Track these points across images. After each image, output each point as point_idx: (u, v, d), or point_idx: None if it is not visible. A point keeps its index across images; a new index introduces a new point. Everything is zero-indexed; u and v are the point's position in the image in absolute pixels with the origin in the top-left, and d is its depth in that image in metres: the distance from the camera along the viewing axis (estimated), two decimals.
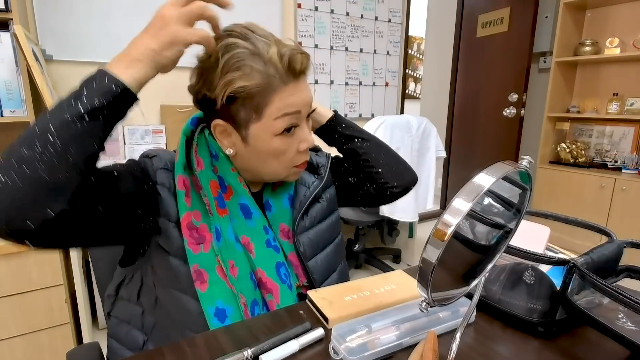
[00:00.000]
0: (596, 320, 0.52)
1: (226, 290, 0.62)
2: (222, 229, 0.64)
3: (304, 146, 0.65)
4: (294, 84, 0.60)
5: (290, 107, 0.60)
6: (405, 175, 0.82)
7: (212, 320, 0.61)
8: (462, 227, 0.38)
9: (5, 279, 1.24)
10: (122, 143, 1.87)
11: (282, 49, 0.58)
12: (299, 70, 0.60)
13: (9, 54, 1.37)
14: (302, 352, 0.52)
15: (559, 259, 0.55)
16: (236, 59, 0.57)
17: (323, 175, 0.77)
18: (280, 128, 0.61)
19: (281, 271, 0.68)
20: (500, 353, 0.54)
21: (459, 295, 0.45)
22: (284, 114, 0.60)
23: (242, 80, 0.57)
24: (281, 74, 0.58)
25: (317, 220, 0.75)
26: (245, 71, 0.57)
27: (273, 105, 0.59)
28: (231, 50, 0.58)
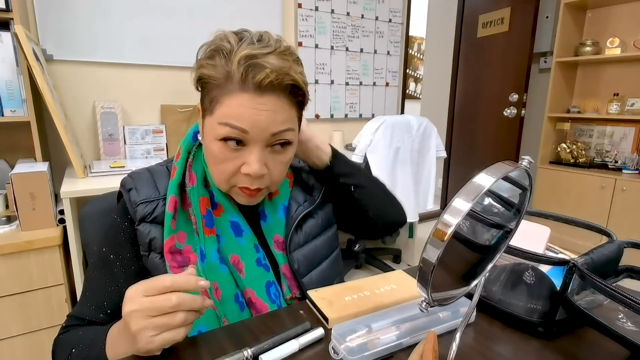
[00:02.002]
0: (596, 320, 0.52)
1: (209, 313, 0.60)
2: (207, 251, 0.63)
3: (245, 170, 0.58)
4: (251, 97, 0.55)
5: (235, 119, 0.55)
6: (394, 218, 0.80)
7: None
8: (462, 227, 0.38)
9: (6, 278, 1.24)
10: (123, 143, 1.87)
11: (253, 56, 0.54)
12: (256, 83, 0.54)
13: (9, 54, 1.37)
14: (302, 352, 0.52)
15: (559, 259, 0.55)
16: (214, 49, 0.57)
17: (315, 199, 0.75)
18: (220, 135, 0.56)
19: (271, 291, 0.66)
20: (500, 353, 0.54)
21: (459, 295, 0.45)
22: (226, 123, 0.56)
23: (207, 69, 0.57)
24: (238, 79, 0.54)
25: (312, 236, 0.73)
26: (214, 62, 0.56)
27: (222, 106, 0.56)
28: (213, 42, 0.58)
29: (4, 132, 1.61)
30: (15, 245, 1.23)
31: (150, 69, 1.95)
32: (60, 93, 1.76)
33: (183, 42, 1.99)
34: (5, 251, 1.22)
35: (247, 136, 0.56)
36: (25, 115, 1.41)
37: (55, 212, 1.36)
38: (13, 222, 1.36)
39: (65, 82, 1.77)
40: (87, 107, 1.83)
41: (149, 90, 1.97)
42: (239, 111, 0.55)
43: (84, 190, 1.32)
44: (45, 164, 1.41)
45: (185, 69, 2.03)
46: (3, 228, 1.32)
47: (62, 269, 1.33)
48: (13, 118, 1.40)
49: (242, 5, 2.13)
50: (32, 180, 1.29)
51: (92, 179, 1.46)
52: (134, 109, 1.95)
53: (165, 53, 1.96)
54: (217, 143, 0.58)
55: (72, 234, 1.33)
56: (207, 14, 2.03)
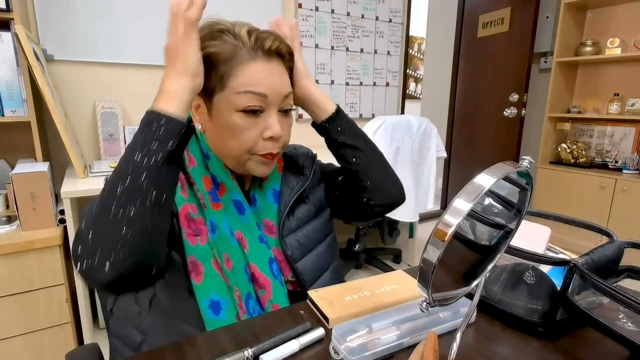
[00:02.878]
0: (596, 320, 0.52)
1: (221, 282, 0.63)
2: (217, 222, 0.64)
3: (268, 133, 0.62)
4: (263, 62, 0.61)
5: (255, 85, 0.60)
6: (391, 193, 0.77)
7: (206, 312, 0.61)
8: (463, 227, 0.38)
9: (6, 278, 1.24)
10: (123, 143, 1.87)
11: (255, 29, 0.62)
12: (267, 48, 0.61)
13: (10, 54, 1.37)
14: (302, 352, 0.52)
15: (560, 259, 0.55)
16: (214, 32, 0.62)
17: (308, 176, 0.76)
18: (241, 105, 0.60)
19: (273, 267, 0.68)
20: (500, 353, 0.54)
21: (460, 295, 0.45)
22: (247, 91, 0.60)
23: (212, 48, 0.60)
24: (248, 48, 0.60)
25: (304, 221, 0.74)
26: (217, 41, 0.61)
27: (237, 77, 0.60)
28: (209, 27, 0.63)
29: (5, 132, 1.61)
30: (16, 245, 1.23)
31: (151, 69, 1.95)
32: (61, 93, 1.76)
33: None
34: (6, 251, 1.22)
35: (266, 100, 0.61)
36: (26, 115, 1.41)
37: (55, 212, 1.36)
38: (13, 222, 1.36)
39: (66, 82, 1.77)
40: (87, 107, 1.83)
41: (149, 90, 1.97)
42: (257, 77, 0.60)
43: (84, 190, 1.32)
44: (45, 164, 1.41)
45: None
46: (3, 228, 1.32)
47: (63, 269, 1.33)
48: (13, 118, 1.40)
49: (242, 6, 2.13)
50: (33, 180, 1.29)
51: (92, 179, 1.46)
52: (134, 109, 1.95)
53: None
54: (237, 114, 0.61)
55: (73, 234, 1.33)
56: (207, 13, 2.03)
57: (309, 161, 0.79)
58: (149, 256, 0.50)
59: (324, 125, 0.75)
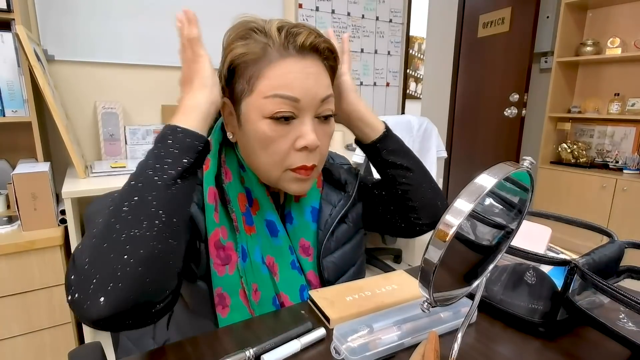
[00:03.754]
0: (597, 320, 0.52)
1: (247, 316, 0.60)
2: (249, 249, 0.60)
3: (301, 143, 0.54)
4: (295, 60, 0.54)
5: (284, 88, 0.53)
6: (440, 211, 0.70)
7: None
8: (464, 227, 0.38)
9: (8, 278, 1.24)
10: (124, 143, 1.87)
11: (286, 24, 0.55)
12: (300, 44, 0.53)
13: (11, 54, 1.37)
14: (303, 352, 0.52)
15: (561, 259, 0.55)
16: (241, 32, 0.57)
17: (351, 194, 0.70)
18: (269, 111, 0.53)
19: (304, 295, 0.64)
20: (501, 353, 0.54)
21: (461, 295, 0.45)
22: (274, 95, 0.53)
23: (241, 48, 0.55)
24: (277, 45, 0.54)
25: (342, 242, 0.70)
26: (246, 41, 0.55)
27: (265, 79, 0.53)
28: (239, 26, 0.58)
29: (5, 132, 1.61)
30: (17, 245, 1.24)
31: (151, 69, 1.95)
32: (62, 93, 1.76)
33: None
34: (7, 251, 1.22)
35: (299, 105, 0.54)
36: (27, 116, 1.41)
37: (56, 212, 1.36)
38: (14, 222, 1.36)
39: (67, 83, 1.77)
40: (88, 107, 1.83)
41: (149, 90, 1.97)
42: (287, 79, 0.53)
43: (85, 190, 1.32)
44: (46, 164, 1.41)
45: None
46: (4, 228, 1.33)
47: (64, 269, 1.33)
48: (14, 118, 1.41)
49: (242, 6, 2.13)
50: (34, 181, 1.29)
51: (93, 179, 1.46)
52: (135, 109, 1.95)
53: (166, 53, 1.96)
54: (264, 122, 0.54)
55: (74, 234, 1.33)
56: (208, 14, 2.03)
57: (352, 177, 0.73)
58: (152, 291, 0.42)
59: (376, 146, 0.69)
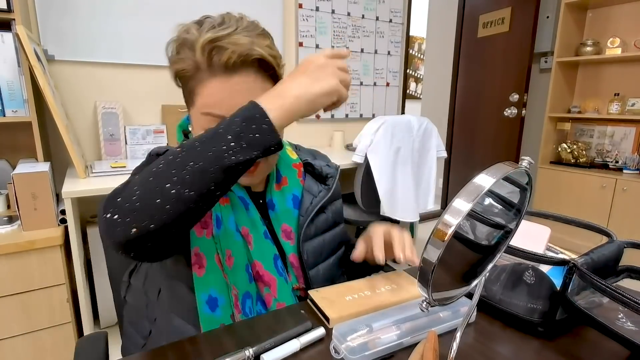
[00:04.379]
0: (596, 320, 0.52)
1: (220, 279, 0.62)
2: (224, 217, 0.64)
3: None
4: (222, 80, 0.56)
5: (212, 107, 0.57)
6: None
7: (203, 307, 0.61)
8: (463, 227, 0.38)
9: (7, 278, 1.25)
10: (124, 143, 1.87)
11: (215, 39, 0.54)
12: (224, 62, 0.55)
13: (11, 54, 1.37)
14: (303, 352, 0.53)
15: (560, 259, 0.56)
16: (179, 43, 0.58)
17: (330, 187, 0.76)
18: (205, 125, 0.57)
19: (278, 264, 0.68)
20: (500, 353, 0.54)
21: (460, 295, 0.45)
22: (206, 113, 0.58)
23: (178, 64, 0.58)
24: (206, 64, 0.56)
25: (321, 230, 0.75)
26: (181, 55, 0.58)
27: (199, 97, 0.58)
28: (180, 34, 0.59)
29: (6, 132, 1.62)
30: (17, 245, 1.24)
31: (151, 69, 1.96)
32: (62, 93, 1.76)
33: None
34: (7, 251, 1.23)
35: None
36: (27, 116, 1.41)
37: (56, 212, 1.36)
38: (14, 222, 1.36)
39: (67, 83, 1.77)
40: (88, 107, 1.83)
41: (150, 90, 1.97)
42: (214, 98, 0.57)
43: (85, 190, 1.33)
44: (46, 164, 1.41)
45: None
46: (5, 228, 1.33)
47: (64, 268, 1.33)
48: (15, 118, 1.41)
49: (242, 6, 2.13)
50: (34, 181, 1.29)
51: (93, 179, 1.46)
52: (135, 109, 1.95)
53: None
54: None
55: (74, 234, 1.33)
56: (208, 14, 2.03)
57: (333, 171, 0.78)
58: (173, 236, 0.48)
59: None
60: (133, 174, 0.58)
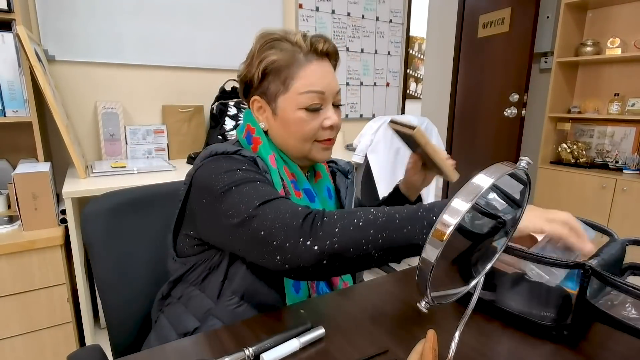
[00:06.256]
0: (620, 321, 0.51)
1: None
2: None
3: (328, 122, 0.72)
4: (317, 63, 0.70)
5: (314, 85, 0.69)
6: None
7: (290, 290, 0.69)
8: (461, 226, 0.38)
9: (8, 278, 1.25)
10: (124, 143, 1.87)
11: (306, 35, 0.71)
12: (321, 50, 0.70)
13: (11, 54, 1.38)
14: (302, 351, 0.53)
15: (574, 262, 0.55)
16: (269, 41, 0.70)
17: (352, 181, 0.90)
18: (304, 103, 0.69)
19: None
20: (499, 352, 0.54)
21: (460, 294, 0.45)
22: (308, 91, 0.69)
23: (273, 56, 0.69)
24: (305, 52, 0.70)
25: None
26: (276, 49, 0.69)
27: (299, 80, 0.69)
28: (265, 37, 0.71)
29: (6, 132, 1.62)
30: (18, 245, 1.24)
31: (152, 69, 1.96)
32: (62, 93, 1.76)
33: (184, 42, 1.99)
34: (8, 251, 1.23)
35: (324, 97, 0.71)
36: (27, 116, 1.42)
37: (57, 212, 1.37)
38: (15, 222, 1.36)
39: (67, 83, 1.77)
40: (88, 107, 1.84)
41: (150, 90, 1.98)
42: (315, 78, 0.70)
43: (85, 190, 1.33)
44: (47, 164, 1.41)
45: (187, 69, 2.04)
46: (5, 228, 1.33)
47: (64, 268, 1.33)
48: (15, 118, 1.41)
49: (243, 6, 2.14)
50: (34, 181, 1.29)
51: (93, 179, 1.46)
52: (135, 109, 1.95)
53: (167, 54, 1.96)
54: (299, 112, 0.70)
55: (74, 234, 1.33)
56: (209, 14, 2.04)
57: (351, 168, 0.92)
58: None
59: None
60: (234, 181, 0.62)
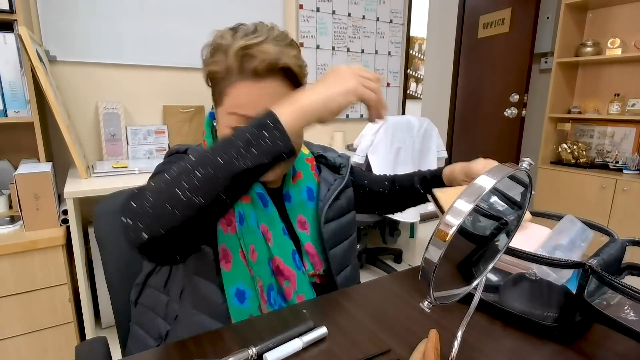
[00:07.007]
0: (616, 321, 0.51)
1: (246, 273, 0.66)
2: (246, 214, 0.67)
3: None
4: (251, 84, 0.60)
5: (239, 108, 0.61)
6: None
7: (232, 300, 0.64)
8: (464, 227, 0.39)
9: (10, 278, 1.25)
10: (125, 143, 1.88)
11: (247, 47, 0.59)
12: (252, 70, 0.59)
13: (13, 55, 1.38)
14: (305, 351, 0.53)
15: (573, 261, 0.55)
16: (213, 47, 0.63)
17: (344, 176, 0.81)
18: (231, 124, 0.63)
19: (296, 259, 0.71)
20: (500, 352, 0.55)
21: (462, 294, 0.45)
22: (232, 112, 0.62)
23: (211, 66, 0.63)
24: (237, 68, 0.60)
25: (337, 215, 0.79)
26: (214, 58, 0.62)
27: (228, 97, 0.62)
28: (215, 39, 0.63)
29: (8, 132, 1.62)
30: (19, 245, 1.24)
31: (153, 69, 1.96)
32: (63, 94, 1.77)
33: (185, 43, 2.00)
34: (9, 251, 1.23)
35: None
36: (29, 116, 1.42)
37: (58, 212, 1.37)
38: (17, 222, 1.37)
39: (68, 83, 1.78)
40: (89, 107, 1.84)
41: (151, 91, 1.98)
42: (243, 99, 0.61)
43: (87, 190, 1.33)
44: (48, 164, 1.42)
45: (188, 69, 2.04)
46: (7, 228, 1.33)
47: (66, 268, 1.34)
48: (17, 119, 1.41)
49: (243, 6, 2.14)
50: (36, 181, 1.30)
51: (95, 179, 1.47)
52: (137, 109, 1.96)
53: (167, 54, 1.97)
54: (227, 129, 0.64)
55: (76, 234, 1.33)
56: (209, 15, 2.04)
57: (345, 161, 0.84)
58: (184, 242, 0.50)
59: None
60: (154, 173, 0.61)
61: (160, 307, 0.69)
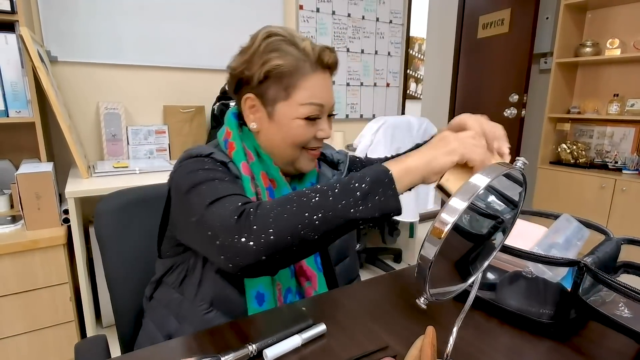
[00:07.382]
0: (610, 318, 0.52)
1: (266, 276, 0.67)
2: None
3: (322, 135, 0.70)
4: (321, 75, 0.68)
5: (316, 98, 0.67)
6: None
7: (252, 302, 0.66)
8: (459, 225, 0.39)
9: (11, 277, 1.26)
10: (126, 143, 1.88)
11: (314, 44, 0.68)
12: (326, 63, 0.67)
13: (15, 55, 1.39)
14: (304, 347, 0.54)
15: (569, 259, 0.56)
16: (276, 42, 0.66)
17: (342, 171, 0.84)
18: (304, 114, 0.67)
19: (318, 260, 0.74)
20: (496, 348, 0.55)
21: (457, 291, 0.46)
22: (310, 103, 0.67)
23: (278, 60, 0.65)
24: (311, 62, 0.66)
25: None
26: (282, 53, 0.65)
27: (301, 90, 0.66)
28: (272, 36, 0.67)
29: (9, 132, 1.63)
30: (21, 244, 1.25)
31: (153, 70, 1.97)
32: (64, 94, 1.77)
33: (185, 43, 2.00)
34: (11, 250, 1.24)
35: (323, 109, 0.69)
36: (30, 116, 1.43)
37: (59, 211, 1.38)
38: (18, 221, 1.37)
39: (69, 83, 1.78)
40: (90, 107, 1.85)
41: (152, 91, 1.99)
42: (317, 90, 0.67)
43: (88, 190, 1.34)
44: (49, 164, 1.42)
45: (188, 69, 2.05)
46: (8, 227, 1.34)
47: (67, 268, 1.34)
48: (18, 119, 1.42)
49: (243, 6, 2.15)
50: (37, 180, 1.30)
51: (95, 179, 1.47)
52: (137, 109, 1.96)
53: (168, 54, 1.97)
54: (297, 121, 0.68)
55: (77, 234, 1.34)
56: (209, 15, 2.05)
57: (343, 157, 0.88)
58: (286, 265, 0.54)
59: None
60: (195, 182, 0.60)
61: (174, 305, 0.70)
